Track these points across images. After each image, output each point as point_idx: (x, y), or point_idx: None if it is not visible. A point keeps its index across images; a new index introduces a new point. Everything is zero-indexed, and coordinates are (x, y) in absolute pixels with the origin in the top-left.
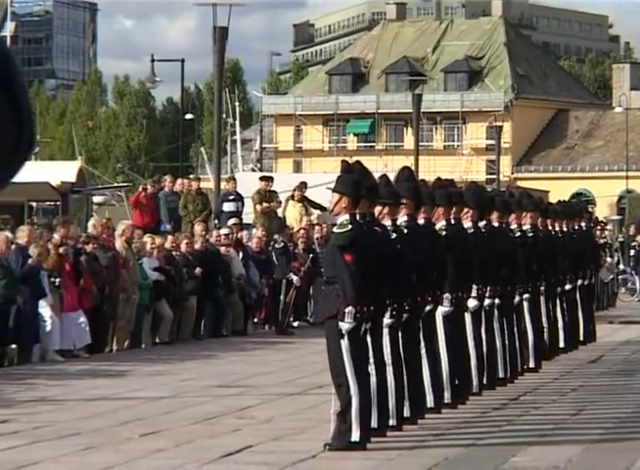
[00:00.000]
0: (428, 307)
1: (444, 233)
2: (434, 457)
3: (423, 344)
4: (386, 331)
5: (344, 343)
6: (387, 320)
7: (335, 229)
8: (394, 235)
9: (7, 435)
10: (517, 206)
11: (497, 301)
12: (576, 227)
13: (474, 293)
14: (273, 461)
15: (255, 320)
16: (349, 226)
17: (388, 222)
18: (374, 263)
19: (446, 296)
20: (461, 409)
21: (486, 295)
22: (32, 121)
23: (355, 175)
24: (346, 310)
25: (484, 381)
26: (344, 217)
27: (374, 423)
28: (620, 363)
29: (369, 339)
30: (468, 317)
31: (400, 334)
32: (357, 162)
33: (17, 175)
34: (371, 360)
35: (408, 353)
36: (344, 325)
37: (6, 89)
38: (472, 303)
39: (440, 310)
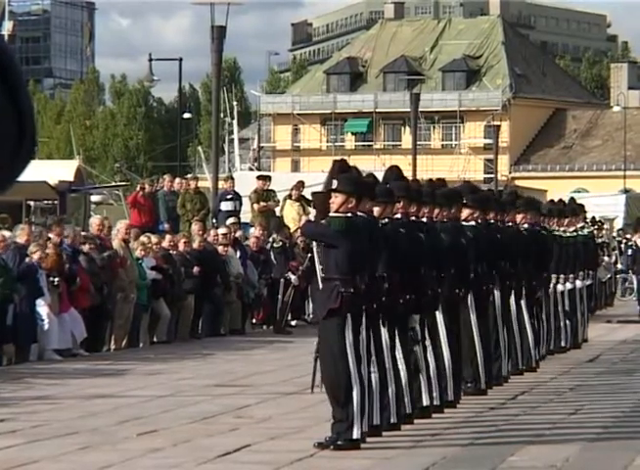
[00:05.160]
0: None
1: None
2: (432, 456)
3: (427, 341)
4: (384, 330)
5: (349, 339)
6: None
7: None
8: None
9: (5, 434)
10: (512, 205)
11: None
12: (575, 227)
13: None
14: (271, 460)
15: (254, 320)
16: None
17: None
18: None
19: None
20: (459, 409)
21: (492, 292)
22: (34, 121)
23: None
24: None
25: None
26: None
27: (376, 420)
28: (618, 363)
29: (370, 335)
30: (473, 316)
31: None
32: (342, 160)
33: (20, 176)
34: (373, 358)
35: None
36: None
37: (7, 88)
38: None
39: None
